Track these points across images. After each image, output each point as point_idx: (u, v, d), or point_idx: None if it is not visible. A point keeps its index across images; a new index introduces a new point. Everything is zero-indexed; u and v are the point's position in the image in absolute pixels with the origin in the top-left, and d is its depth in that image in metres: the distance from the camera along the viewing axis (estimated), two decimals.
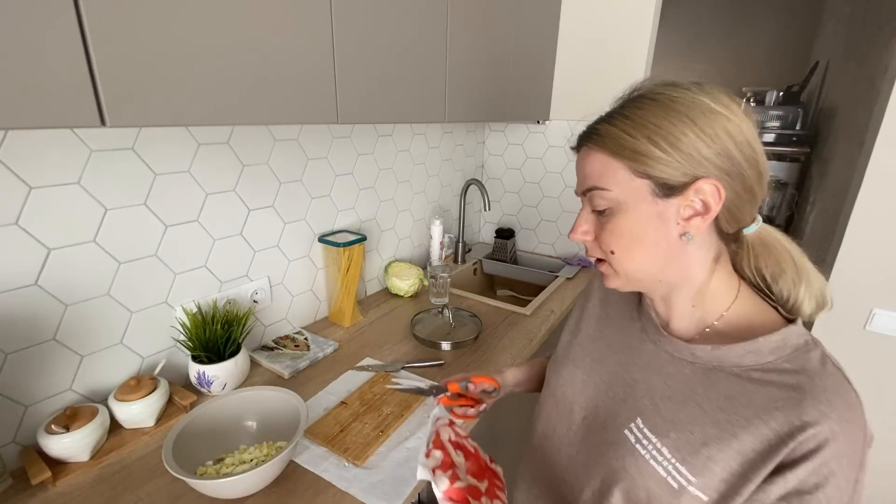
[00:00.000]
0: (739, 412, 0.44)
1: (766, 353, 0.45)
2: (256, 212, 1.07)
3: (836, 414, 0.40)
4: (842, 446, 0.40)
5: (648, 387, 0.51)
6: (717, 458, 0.43)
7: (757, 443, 0.42)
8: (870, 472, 0.41)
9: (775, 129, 2.09)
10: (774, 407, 0.42)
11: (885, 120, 1.19)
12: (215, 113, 0.61)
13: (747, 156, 0.44)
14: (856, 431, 0.41)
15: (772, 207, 2.23)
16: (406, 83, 0.94)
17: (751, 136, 0.44)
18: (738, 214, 0.46)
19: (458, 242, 1.82)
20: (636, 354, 0.54)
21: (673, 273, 0.48)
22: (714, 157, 0.43)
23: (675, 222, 0.45)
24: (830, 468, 0.39)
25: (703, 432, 0.45)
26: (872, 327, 1.33)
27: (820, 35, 3.02)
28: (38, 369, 0.76)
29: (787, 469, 0.40)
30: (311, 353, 1.10)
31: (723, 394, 0.45)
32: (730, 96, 0.45)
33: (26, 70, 0.44)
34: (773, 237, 0.48)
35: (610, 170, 0.46)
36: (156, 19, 0.53)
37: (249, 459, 0.77)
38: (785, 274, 0.48)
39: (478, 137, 1.92)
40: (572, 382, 0.60)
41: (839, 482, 0.39)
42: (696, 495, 0.44)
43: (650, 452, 0.47)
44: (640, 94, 0.47)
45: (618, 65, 1.59)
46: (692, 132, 0.43)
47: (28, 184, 0.70)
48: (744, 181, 0.44)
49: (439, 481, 0.49)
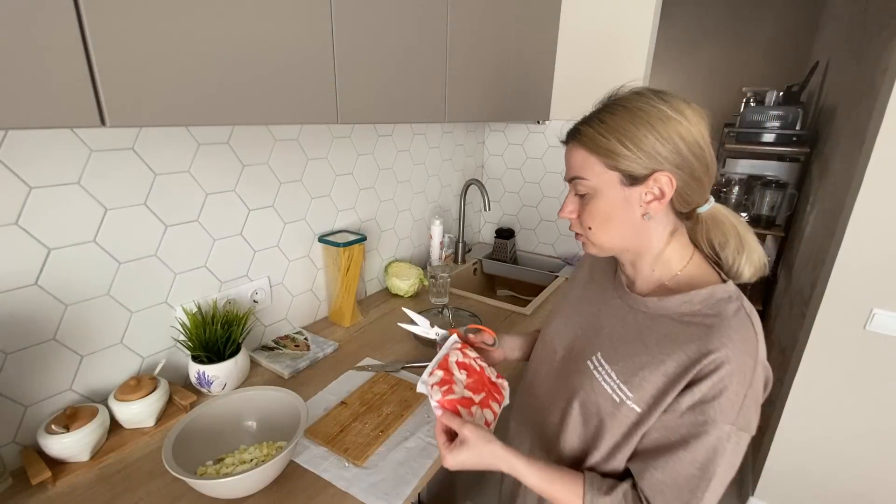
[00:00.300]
0: (669, 346, 0.57)
1: (696, 303, 0.58)
2: (256, 212, 1.07)
3: (732, 344, 0.52)
4: (734, 368, 0.52)
5: (610, 331, 0.65)
6: (649, 378, 0.57)
7: (677, 366, 0.55)
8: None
9: (775, 129, 2.09)
10: (691, 340, 0.55)
11: (884, 120, 1.19)
12: (215, 113, 0.61)
13: (695, 153, 0.56)
14: (747, 359, 0.53)
15: (772, 207, 2.23)
16: (406, 83, 0.94)
17: (699, 137, 0.56)
18: (689, 198, 0.58)
19: (458, 242, 1.82)
20: (607, 307, 0.68)
21: (637, 244, 0.61)
22: (668, 155, 0.55)
23: (639, 205, 0.58)
24: (725, 384, 0.52)
25: (642, 361, 0.58)
26: (872, 327, 1.33)
27: (820, 35, 3.02)
28: (39, 369, 0.76)
29: (694, 385, 0.53)
30: (311, 353, 1.10)
31: (661, 333, 0.59)
32: (686, 103, 0.57)
33: (26, 70, 0.44)
34: (722, 214, 0.60)
35: (588, 163, 0.58)
36: (156, 19, 0.53)
37: (249, 459, 0.77)
38: (729, 244, 0.59)
39: (478, 137, 1.92)
40: (557, 330, 0.74)
41: (731, 395, 0.52)
42: (632, 407, 0.58)
43: (602, 376, 0.61)
44: (614, 101, 0.58)
45: (618, 65, 1.59)
46: (652, 135, 0.54)
47: (28, 184, 0.70)
48: (692, 172, 0.56)
49: (434, 394, 0.61)
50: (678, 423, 0.55)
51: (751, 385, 0.52)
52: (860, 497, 1.49)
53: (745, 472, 1.85)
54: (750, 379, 0.52)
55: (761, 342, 0.54)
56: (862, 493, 1.49)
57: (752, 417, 0.54)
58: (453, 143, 1.76)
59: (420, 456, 0.81)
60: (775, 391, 1.72)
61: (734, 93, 3.91)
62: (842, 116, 1.74)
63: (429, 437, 0.86)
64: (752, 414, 0.53)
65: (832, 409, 1.47)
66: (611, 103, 0.59)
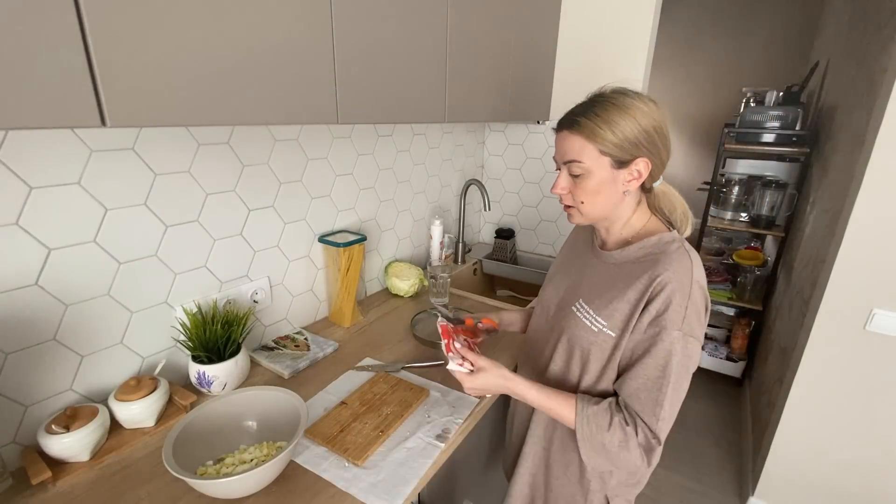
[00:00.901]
0: (631, 280, 0.71)
1: (648, 247, 0.73)
2: (256, 212, 1.07)
3: (672, 268, 0.67)
4: (676, 286, 0.66)
5: (588, 281, 0.80)
6: (618, 308, 0.71)
7: (636, 294, 0.70)
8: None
9: (775, 129, 2.08)
10: (645, 271, 0.70)
11: (884, 120, 1.19)
12: (215, 113, 0.61)
13: (663, 141, 0.71)
14: (684, 279, 0.67)
15: (772, 207, 2.22)
16: (406, 83, 0.94)
17: (664, 126, 0.70)
18: (654, 177, 0.73)
19: (458, 242, 1.82)
20: (586, 267, 0.83)
21: (615, 214, 0.76)
22: (646, 143, 0.69)
23: (621, 184, 0.72)
24: (670, 299, 0.66)
25: (612, 296, 0.73)
26: (872, 327, 1.33)
27: (820, 35, 3.02)
28: (39, 369, 0.76)
29: (649, 304, 0.68)
30: (311, 354, 1.10)
31: (625, 273, 0.74)
32: (650, 99, 0.70)
33: (26, 70, 0.44)
34: (669, 189, 0.76)
35: (585, 149, 0.70)
36: (156, 19, 0.53)
37: (249, 459, 0.77)
38: (676, 210, 0.76)
39: (478, 137, 1.92)
40: (549, 294, 0.88)
41: (675, 307, 0.66)
42: (609, 333, 0.72)
43: (582, 314, 0.76)
44: (603, 98, 0.70)
45: (618, 65, 1.59)
46: (635, 128, 0.68)
47: (28, 184, 0.70)
48: (660, 156, 0.71)
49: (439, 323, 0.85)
50: (642, 339, 0.69)
51: (689, 298, 0.66)
52: (860, 497, 1.50)
53: (745, 471, 1.85)
54: (688, 293, 0.66)
55: (697, 267, 0.69)
56: (862, 492, 1.49)
57: (695, 325, 0.67)
58: (453, 143, 1.76)
59: (420, 456, 0.81)
60: (776, 391, 1.72)
61: (734, 93, 3.91)
62: (842, 117, 1.74)
63: (429, 437, 0.86)
64: (694, 322, 0.67)
65: (832, 409, 1.47)
66: (601, 99, 0.70)
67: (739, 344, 2.44)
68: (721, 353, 2.47)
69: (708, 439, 2.11)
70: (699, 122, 4.15)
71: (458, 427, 0.89)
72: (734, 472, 1.93)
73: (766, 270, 2.45)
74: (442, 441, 0.85)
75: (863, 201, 1.26)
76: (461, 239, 1.82)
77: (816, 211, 1.80)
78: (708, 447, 2.06)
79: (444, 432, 0.87)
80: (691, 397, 2.40)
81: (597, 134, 0.68)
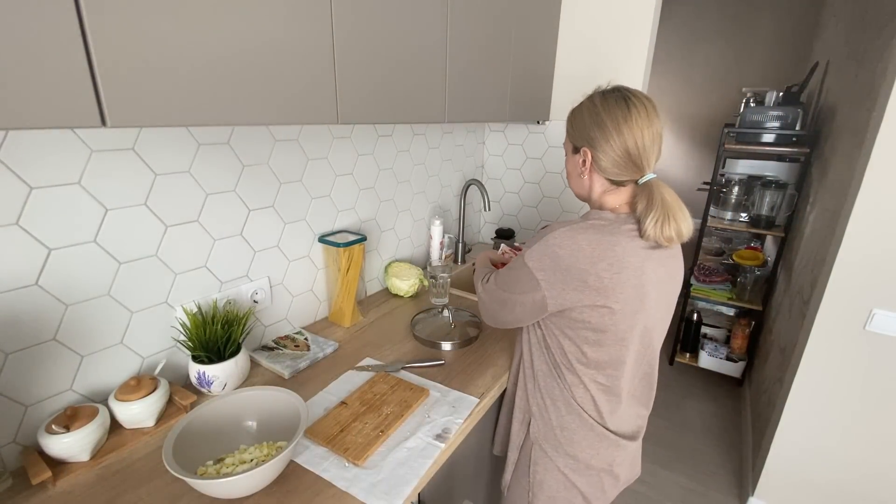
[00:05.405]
0: None
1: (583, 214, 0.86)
2: (256, 212, 1.07)
3: (559, 227, 0.79)
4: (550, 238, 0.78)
5: None
6: None
7: None
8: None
9: (775, 130, 2.09)
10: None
11: (884, 120, 1.19)
12: (215, 113, 0.61)
13: (607, 137, 0.78)
14: (558, 238, 0.77)
15: (772, 207, 2.22)
16: (406, 83, 0.94)
17: (612, 125, 0.76)
18: (605, 169, 0.80)
19: (458, 242, 1.82)
20: None
21: (585, 195, 0.88)
22: (589, 136, 0.80)
23: (579, 166, 0.84)
24: (538, 241, 0.81)
25: None
26: (872, 327, 1.33)
27: (820, 35, 3.02)
28: (39, 369, 0.76)
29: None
30: (311, 354, 1.10)
31: None
32: (640, 101, 0.77)
33: (27, 70, 0.44)
34: (664, 196, 0.76)
35: (565, 134, 0.87)
36: (156, 20, 0.53)
37: (249, 459, 0.77)
38: (649, 214, 0.76)
39: (478, 138, 1.92)
40: None
41: (537, 248, 0.80)
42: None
43: None
44: (587, 96, 0.83)
45: (618, 65, 1.59)
46: (584, 121, 0.81)
47: (28, 184, 0.70)
48: (614, 153, 0.78)
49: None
50: None
51: (548, 251, 0.77)
52: (860, 496, 1.50)
53: (744, 471, 1.85)
54: (553, 249, 0.77)
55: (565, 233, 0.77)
56: (861, 492, 1.49)
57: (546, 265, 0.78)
58: (453, 143, 1.76)
59: (420, 456, 0.81)
60: (776, 391, 1.72)
61: (734, 93, 3.92)
62: (842, 116, 1.74)
63: (429, 437, 0.86)
64: (546, 262, 0.77)
65: (832, 408, 1.47)
66: (586, 98, 0.83)
67: (739, 344, 2.44)
68: (721, 353, 2.47)
69: (708, 439, 2.11)
70: (699, 123, 4.16)
71: (458, 427, 0.89)
72: (734, 472, 1.93)
73: (765, 270, 2.45)
74: (442, 441, 0.85)
75: (863, 201, 1.26)
76: (461, 239, 1.82)
77: (816, 211, 1.80)
78: (708, 447, 2.07)
79: (444, 432, 0.87)
80: (691, 397, 2.41)
81: (568, 121, 0.86)
